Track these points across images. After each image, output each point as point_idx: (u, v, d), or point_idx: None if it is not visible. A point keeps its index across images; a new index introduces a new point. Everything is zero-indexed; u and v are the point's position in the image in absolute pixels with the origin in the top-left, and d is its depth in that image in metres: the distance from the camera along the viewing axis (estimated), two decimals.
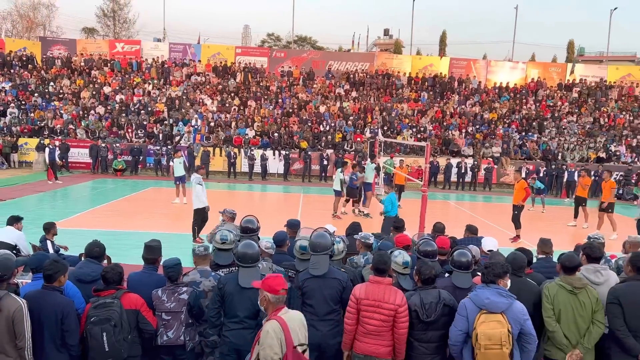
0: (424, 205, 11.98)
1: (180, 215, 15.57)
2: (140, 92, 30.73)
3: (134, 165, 25.97)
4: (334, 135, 27.95)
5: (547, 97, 33.55)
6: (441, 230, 7.60)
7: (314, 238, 5.04)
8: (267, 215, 15.31)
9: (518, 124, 30.45)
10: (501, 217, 16.97)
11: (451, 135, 28.80)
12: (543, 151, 28.07)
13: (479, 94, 33.28)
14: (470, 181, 26.46)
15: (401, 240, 6.29)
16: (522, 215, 14.35)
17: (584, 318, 4.79)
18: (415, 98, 32.52)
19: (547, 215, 19.24)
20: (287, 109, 29.95)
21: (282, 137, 27.39)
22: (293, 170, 26.90)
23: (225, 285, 4.73)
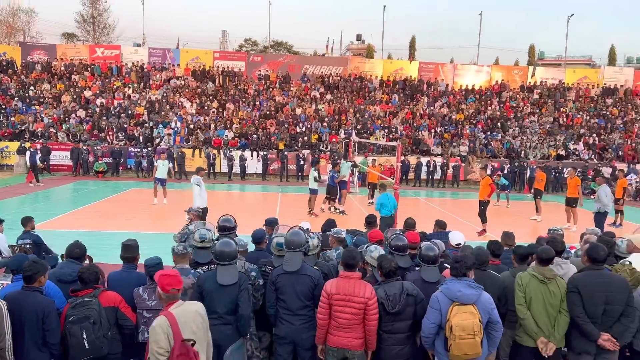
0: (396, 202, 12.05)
1: (162, 215, 15.37)
2: (121, 96, 30.23)
3: (115, 167, 25.55)
4: (310, 136, 27.93)
5: (510, 99, 34.11)
6: (412, 225, 7.65)
7: (289, 235, 5.03)
8: (247, 214, 15.22)
9: (483, 124, 30.88)
10: (468, 212, 17.19)
11: (421, 135, 29.05)
12: (507, 149, 28.54)
13: (447, 96, 33.64)
14: (439, 179, 26.73)
15: (374, 235, 6.31)
16: (488, 210, 14.56)
17: (554, 306, 4.90)
18: (387, 100, 32.71)
19: (512, 210, 19.57)
20: (264, 111, 29.82)
21: (260, 139, 27.26)
22: (271, 170, 26.80)
23: (204, 283, 4.69)
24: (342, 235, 6.06)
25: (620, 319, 4.79)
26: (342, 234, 6.08)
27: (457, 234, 6.60)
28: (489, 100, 33.69)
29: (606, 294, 4.75)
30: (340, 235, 6.06)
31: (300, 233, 5.05)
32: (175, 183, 23.91)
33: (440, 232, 7.74)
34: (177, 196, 19.22)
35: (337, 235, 6.09)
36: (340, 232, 6.10)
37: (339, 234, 6.08)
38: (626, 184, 17.81)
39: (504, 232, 6.60)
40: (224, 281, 4.62)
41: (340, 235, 6.06)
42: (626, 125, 31.90)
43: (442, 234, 7.53)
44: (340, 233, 6.08)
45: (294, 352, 4.91)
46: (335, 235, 6.10)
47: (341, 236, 6.06)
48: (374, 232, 6.48)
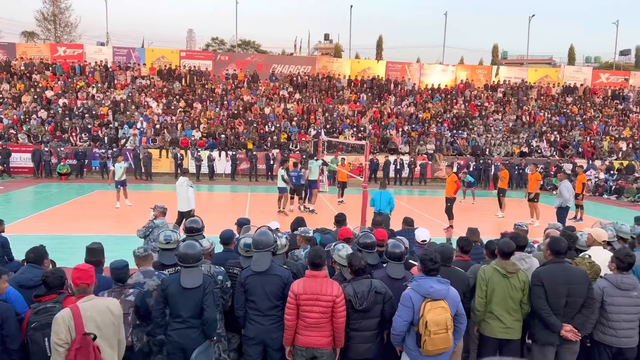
0: (364, 200, 12.14)
1: (127, 217, 15.06)
2: (84, 96, 29.47)
3: (79, 169, 24.91)
4: (279, 136, 27.84)
5: (475, 97, 34.77)
6: (380, 223, 7.70)
7: (257, 236, 4.99)
8: (216, 215, 15.07)
9: (449, 123, 31.39)
10: (436, 209, 17.45)
11: (389, 134, 29.33)
12: (472, 147, 29.09)
13: (414, 95, 34.05)
14: (407, 176, 27.05)
15: (343, 233, 6.33)
16: (455, 206, 14.80)
17: (514, 300, 5.02)
18: (355, 99, 32.89)
19: (477, 206, 19.95)
20: (232, 111, 29.57)
21: (229, 138, 27.02)
22: (240, 170, 26.60)
23: (168, 287, 4.61)
24: (309, 234, 6.06)
25: (582, 310, 4.93)
26: (309, 232, 6.07)
27: (422, 231, 6.68)
28: (455, 99, 34.26)
29: (568, 286, 4.87)
30: (308, 234, 6.06)
31: (268, 233, 5.02)
32: (142, 184, 23.46)
33: (407, 229, 7.81)
34: (143, 197, 18.86)
35: (305, 234, 6.08)
36: (307, 231, 6.10)
37: (306, 232, 6.07)
38: (585, 180, 18.40)
39: (469, 229, 6.71)
40: (188, 284, 4.55)
41: (308, 234, 6.06)
42: (585, 122, 32.95)
43: (409, 231, 7.59)
44: (307, 232, 6.08)
45: (264, 353, 4.87)
46: (302, 234, 6.10)
47: (308, 235, 6.05)
48: (342, 230, 6.50)
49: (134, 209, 16.25)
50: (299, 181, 16.54)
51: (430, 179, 27.80)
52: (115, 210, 16.22)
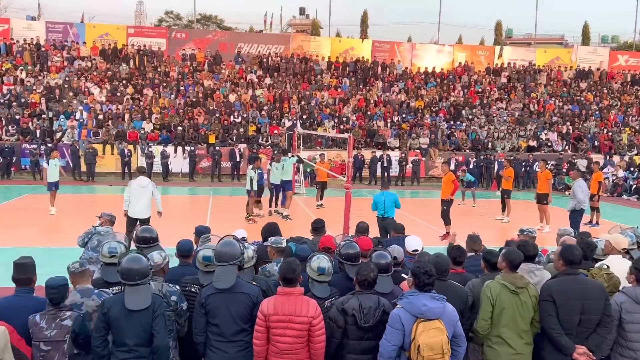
0: (347, 204, 12.17)
1: (63, 226, 14.81)
2: (11, 81, 28.90)
3: (6, 168, 24.44)
4: (247, 128, 27.75)
5: (476, 83, 35.20)
6: (365, 230, 7.72)
7: (219, 247, 4.94)
8: (172, 222, 14.91)
9: (446, 113, 31.72)
10: (430, 213, 17.59)
11: (376, 125, 29.49)
12: (472, 141, 29.44)
13: (404, 80, 34.31)
14: (397, 175, 27.24)
15: (323, 242, 6.33)
16: (452, 210, 14.96)
17: (525, 319, 5.02)
18: (336, 85, 32.98)
19: (478, 210, 20.19)
20: (190, 98, 29.37)
21: (186, 131, 26.82)
22: (200, 168, 26.44)
23: (110, 309, 4.51)
24: (281, 244, 6.03)
25: (597, 329, 4.97)
26: (281, 243, 6.05)
27: (413, 239, 6.71)
28: (452, 84, 34.63)
29: (582, 302, 4.93)
30: (280, 244, 6.03)
31: (232, 243, 4.98)
32: (83, 186, 23.11)
33: (397, 237, 7.85)
34: (83, 202, 18.59)
35: (277, 245, 6.05)
36: (279, 241, 6.07)
37: (278, 243, 6.05)
38: (602, 178, 18.75)
39: (469, 236, 6.76)
40: (134, 305, 4.46)
41: (280, 245, 6.03)
42: (602, 112, 33.61)
43: (399, 239, 7.61)
44: (279, 242, 6.05)
45: None
46: (274, 245, 6.06)
47: (281, 246, 6.03)
48: (322, 239, 6.49)
49: (72, 217, 15.98)
50: (261, 181, 16.62)
51: (423, 178, 28.01)
52: (49, 218, 15.94)
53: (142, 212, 11.76)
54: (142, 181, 11.94)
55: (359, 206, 18.76)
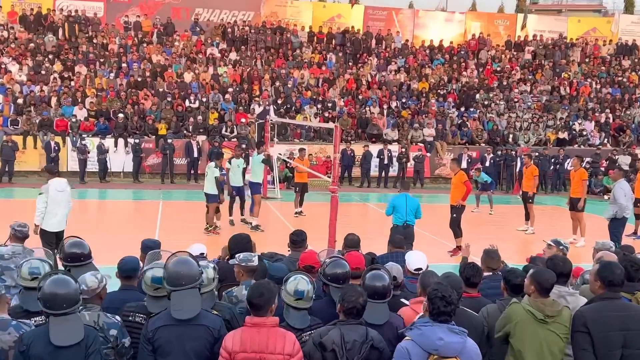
0: (334, 211, 12.19)
1: None
2: None
3: None
4: (207, 115, 27.66)
5: (493, 60, 35.42)
6: (356, 244, 7.72)
7: (173, 266, 4.88)
8: (111, 235, 14.82)
9: (456, 97, 31.88)
10: (437, 222, 17.63)
11: (369, 113, 29.55)
12: (489, 132, 29.58)
13: (405, 57, 34.42)
14: (396, 175, 27.28)
15: (304, 260, 6.31)
16: (464, 218, 15.02)
17: (554, 355, 5.03)
18: (320, 62, 32.98)
19: (496, 218, 20.35)
20: (135, 78, 29.18)
21: (130, 119, 26.66)
22: (147, 167, 26.28)
23: (31, 345, 4.44)
24: (252, 262, 6.01)
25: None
26: (252, 260, 6.01)
27: (416, 255, 6.72)
28: (464, 62, 34.81)
29: (624, 333, 4.95)
30: (250, 263, 6.00)
31: (189, 261, 4.94)
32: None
33: (396, 253, 7.87)
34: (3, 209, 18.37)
35: (246, 264, 6.02)
36: (249, 258, 6.03)
37: (247, 261, 6.01)
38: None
39: (486, 251, 6.79)
40: (61, 341, 4.37)
41: (251, 264, 6.00)
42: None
43: (398, 255, 7.64)
44: (249, 260, 6.01)
45: None
46: (242, 264, 6.02)
47: (252, 264, 6.00)
48: (303, 255, 6.48)
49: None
50: (222, 184, 16.66)
51: (428, 179, 28.12)
52: None
53: (61, 223, 11.54)
54: (60, 184, 11.60)
55: (348, 214, 18.79)
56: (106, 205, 22.02)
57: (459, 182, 14.74)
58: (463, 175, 14.95)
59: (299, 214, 19.15)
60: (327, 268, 5.60)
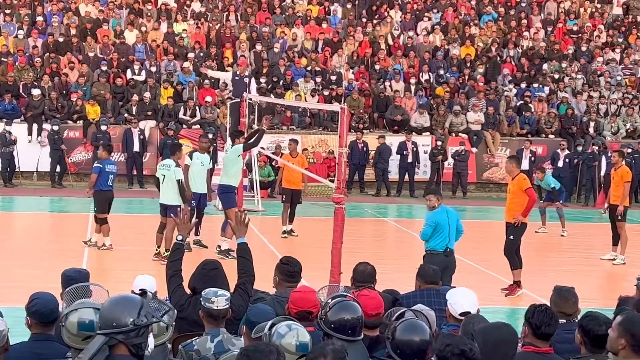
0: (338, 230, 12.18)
1: None
2: None
3: None
4: (157, 92, 27.69)
5: (567, 15, 35.44)
6: (370, 277, 7.73)
7: (110, 306, 4.90)
8: (19, 262, 14.82)
9: (514, 68, 31.90)
10: (486, 247, 17.66)
11: (390, 90, 29.58)
12: (561, 118, 29.57)
13: (441, 10, 34.43)
14: (430, 179, 27.30)
15: (298, 302, 6.31)
16: (526, 241, 15.01)
17: None
18: (320, 17, 33.02)
19: (570, 242, 20.34)
20: (55, 38, 29.19)
21: (47, 97, 26.66)
22: (72, 165, 26.29)
23: None
24: (212, 304, 6.04)
25: None
26: (212, 300, 6.05)
27: (464, 295, 6.72)
28: (525, 18, 34.83)
29: None
30: (209, 303, 6.04)
31: (132, 299, 4.97)
32: None
33: (428, 291, 7.87)
34: None
35: (209, 307, 6.04)
36: (210, 297, 6.07)
37: (206, 300, 6.06)
38: None
39: (557, 289, 6.79)
40: None
41: (209, 305, 6.03)
42: None
43: (431, 294, 7.69)
44: (209, 299, 6.06)
45: None
46: (205, 304, 6.04)
47: (210, 307, 6.03)
48: (295, 295, 6.46)
49: None
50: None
51: (474, 185, 28.16)
52: None
53: None
54: None
55: (359, 234, 18.74)
56: (13, 219, 21.99)
57: (519, 189, 14.67)
58: (524, 180, 14.86)
59: (289, 233, 19.09)
60: (331, 312, 5.60)
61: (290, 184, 19.53)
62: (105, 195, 16.70)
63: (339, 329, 5.50)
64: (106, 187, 16.68)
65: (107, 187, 16.69)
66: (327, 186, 19.09)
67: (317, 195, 23.58)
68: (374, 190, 26.98)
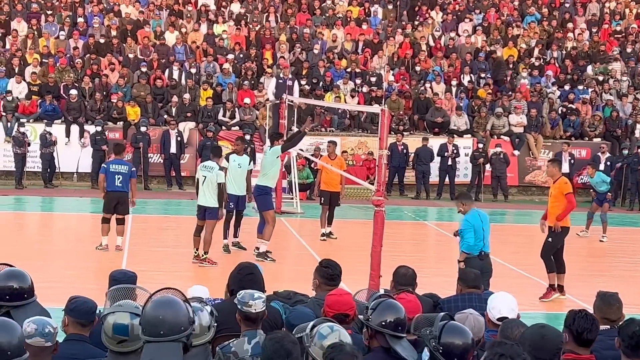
0: (378, 233, 12.19)
1: None
2: None
3: None
4: (197, 93, 27.82)
5: (613, 16, 35.13)
6: (411, 281, 7.72)
7: (152, 309, 4.91)
8: (60, 263, 14.97)
9: (558, 69, 31.69)
10: (528, 251, 17.55)
11: (431, 92, 29.51)
12: (606, 121, 29.34)
13: (483, 11, 34.29)
14: (470, 182, 27.23)
15: (334, 305, 6.32)
16: (569, 245, 14.87)
17: None
18: (360, 18, 33.00)
19: (613, 246, 20.18)
20: (95, 39, 29.41)
21: (90, 98, 26.86)
22: None
23: None
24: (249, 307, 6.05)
25: None
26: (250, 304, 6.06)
27: (504, 299, 6.70)
28: (570, 18, 34.57)
29: None
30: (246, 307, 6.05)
31: (174, 303, 4.97)
32: None
33: (470, 296, 7.86)
34: None
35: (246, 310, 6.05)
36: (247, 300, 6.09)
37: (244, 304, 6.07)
38: None
39: (601, 295, 6.75)
40: None
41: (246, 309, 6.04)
42: None
43: (472, 298, 7.67)
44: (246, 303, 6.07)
45: None
46: (242, 308, 6.05)
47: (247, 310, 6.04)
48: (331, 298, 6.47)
49: None
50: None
51: (516, 188, 28.00)
52: None
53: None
54: None
55: (399, 237, 18.72)
56: (53, 219, 22.17)
57: (560, 193, 14.58)
58: (566, 184, 14.70)
59: (328, 236, 19.12)
60: (373, 316, 5.61)
61: (328, 186, 19.50)
62: (110, 195, 16.76)
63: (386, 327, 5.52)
64: (112, 188, 16.69)
65: (112, 188, 16.69)
66: (367, 188, 19.08)
67: (356, 198, 23.56)
68: (414, 193, 26.93)
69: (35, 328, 5.20)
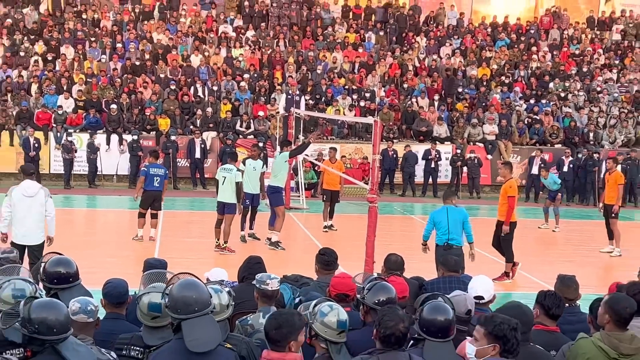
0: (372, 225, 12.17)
1: None
2: None
3: None
4: (217, 107, 27.81)
5: (571, 41, 35.10)
6: (399, 266, 7.71)
7: (179, 289, 4.88)
8: (100, 252, 14.98)
9: (525, 86, 31.65)
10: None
11: (416, 105, 29.46)
12: (565, 130, 29.30)
13: (460, 37, 34.27)
14: (450, 182, 27.18)
15: (336, 285, 6.33)
16: (529, 237, 14.85)
17: None
18: (356, 43, 32.98)
19: (573, 235, 20.25)
20: (132, 61, 29.43)
21: (127, 111, 26.88)
22: None
23: None
24: (266, 285, 6.06)
25: None
26: (267, 283, 6.08)
27: (480, 281, 6.68)
28: (535, 43, 34.56)
29: None
30: (264, 285, 6.06)
31: (197, 284, 4.97)
32: None
33: (450, 278, 7.86)
34: None
35: (263, 288, 6.06)
36: (264, 280, 6.10)
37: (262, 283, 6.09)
38: None
39: (561, 278, 6.73)
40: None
41: (264, 287, 6.06)
42: None
43: (452, 280, 7.66)
44: (264, 282, 6.08)
45: None
46: (261, 287, 6.07)
47: (265, 288, 6.05)
48: (335, 280, 6.48)
49: None
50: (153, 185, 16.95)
51: (489, 187, 28.00)
52: None
53: (32, 235, 11.38)
54: (29, 187, 11.40)
55: (389, 229, 18.69)
56: (95, 215, 22.20)
57: (505, 193, 14.45)
58: (510, 188, 14.38)
59: (329, 228, 19.16)
60: (368, 294, 5.65)
61: (329, 186, 19.59)
62: (147, 194, 16.83)
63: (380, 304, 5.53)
64: (150, 187, 16.78)
65: (151, 187, 16.78)
66: (362, 188, 19.04)
67: (353, 196, 23.57)
68: (401, 191, 26.97)
69: (79, 307, 5.27)
